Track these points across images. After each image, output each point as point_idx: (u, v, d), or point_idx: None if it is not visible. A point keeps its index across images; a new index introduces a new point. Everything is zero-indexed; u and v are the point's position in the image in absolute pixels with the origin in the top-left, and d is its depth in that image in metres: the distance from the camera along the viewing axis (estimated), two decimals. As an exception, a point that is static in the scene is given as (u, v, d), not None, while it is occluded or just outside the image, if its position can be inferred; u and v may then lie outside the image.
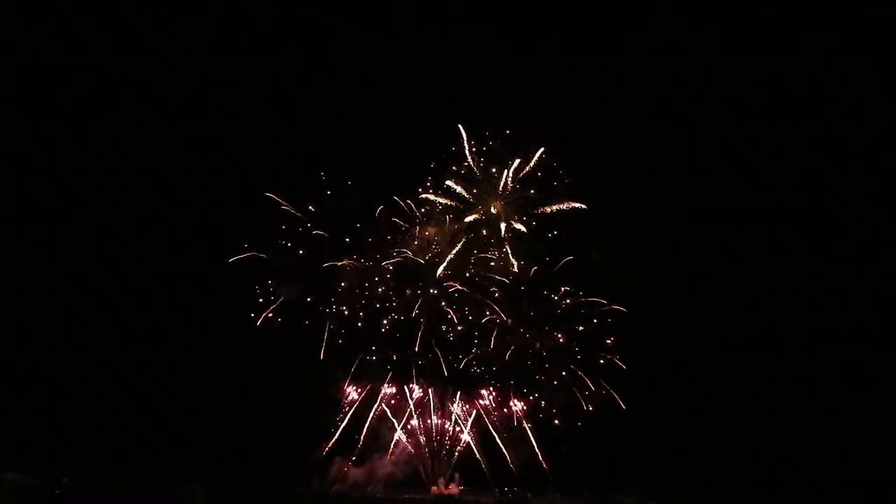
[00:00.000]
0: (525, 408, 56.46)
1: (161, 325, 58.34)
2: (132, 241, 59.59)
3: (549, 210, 55.67)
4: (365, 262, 56.11)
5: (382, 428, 57.07)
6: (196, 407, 57.11)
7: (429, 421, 57.36)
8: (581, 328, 56.19)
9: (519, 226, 55.71)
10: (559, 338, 56.11)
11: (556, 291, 56.49)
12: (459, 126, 56.03)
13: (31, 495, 53.28)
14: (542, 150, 55.90)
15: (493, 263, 56.15)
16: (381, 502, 55.00)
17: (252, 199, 56.50)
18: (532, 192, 55.94)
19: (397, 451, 56.94)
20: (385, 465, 56.37)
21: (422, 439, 57.40)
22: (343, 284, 55.77)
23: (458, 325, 55.43)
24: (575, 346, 56.01)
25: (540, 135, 55.90)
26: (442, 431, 57.50)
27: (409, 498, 55.61)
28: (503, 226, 55.78)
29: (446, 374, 55.39)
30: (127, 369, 58.15)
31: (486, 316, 55.55)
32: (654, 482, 53.16)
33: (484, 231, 56.42)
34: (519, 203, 56.40)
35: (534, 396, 55.96)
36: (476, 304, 55.75)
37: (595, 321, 56.23)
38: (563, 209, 55.39)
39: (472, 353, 55.41)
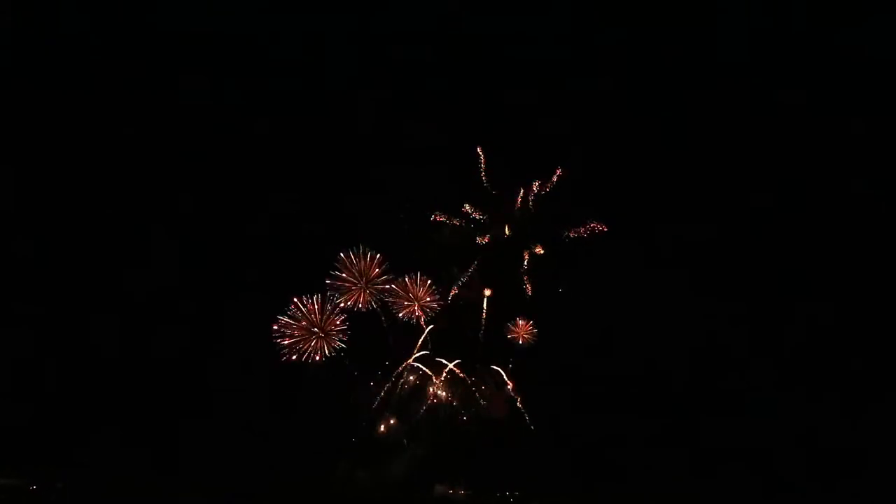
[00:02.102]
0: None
1: (167, 327, 57.31)
2: (153, 259, 58.65)
3: (568, 235, 56.78)
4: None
5: (391, 429, 57.88)
6: (198, 409, 56.50)
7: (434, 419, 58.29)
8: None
9: (538, 250, 56.70)
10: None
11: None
12: (478, 149, 56.88)
13: (26, 500, 52.68)
14: (559, 171, 56.92)
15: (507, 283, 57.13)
16: (383, 501, 55.93)
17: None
18: (550, 214, 57.15)
19: (405, 451, 57.60)
20: (392, 465, 57.14)
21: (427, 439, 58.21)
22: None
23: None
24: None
25: (558, 156, 57.01)
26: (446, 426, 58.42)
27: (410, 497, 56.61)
28: (525, 254, 56.82)
29: None
30: (130, 372, 56.94)
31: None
32: (654, 483, 55.01)
33: (499, 253, 57.41)
34: (536, 225, 57.43)
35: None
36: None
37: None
38: (583, 235, 56.58)
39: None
